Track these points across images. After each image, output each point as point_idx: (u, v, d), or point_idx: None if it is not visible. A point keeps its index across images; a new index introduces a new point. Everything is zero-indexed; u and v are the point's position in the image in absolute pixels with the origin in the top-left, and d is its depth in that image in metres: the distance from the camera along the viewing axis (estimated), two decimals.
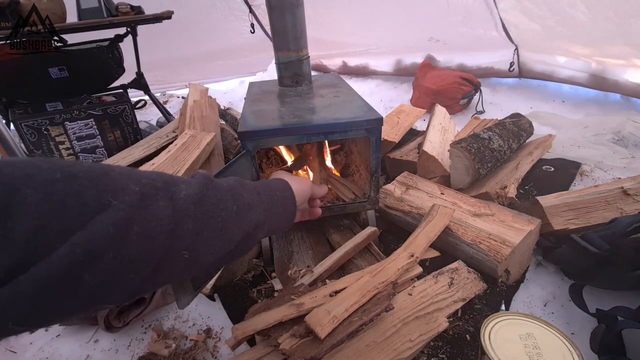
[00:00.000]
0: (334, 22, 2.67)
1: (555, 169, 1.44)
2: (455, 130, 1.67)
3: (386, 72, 2.89)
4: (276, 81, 1.25)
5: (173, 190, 0.38)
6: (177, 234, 0.36)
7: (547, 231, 1.03)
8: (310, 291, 0.84)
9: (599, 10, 1.71)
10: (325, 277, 0.95)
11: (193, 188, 0.40)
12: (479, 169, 1.18)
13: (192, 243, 0.39)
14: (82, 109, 1.69)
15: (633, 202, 1.03)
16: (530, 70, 2.29)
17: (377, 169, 0.98)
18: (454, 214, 1.04)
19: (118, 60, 1.88)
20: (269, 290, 1.00)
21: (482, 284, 0.91)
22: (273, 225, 0.55)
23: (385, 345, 0.74)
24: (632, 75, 1.87)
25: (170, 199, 0.37)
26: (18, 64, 1.60)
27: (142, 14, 1.83)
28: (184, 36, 2.73)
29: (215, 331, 0.91)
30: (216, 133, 1.52)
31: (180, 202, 0.38)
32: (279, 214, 0.56)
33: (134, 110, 1.85)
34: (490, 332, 0.62)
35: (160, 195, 0.36)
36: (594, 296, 0.89)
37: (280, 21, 1.07)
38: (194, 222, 0.39)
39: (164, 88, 3.08)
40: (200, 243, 0.40)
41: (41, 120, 1.60)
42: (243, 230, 0.46)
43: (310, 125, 0.89)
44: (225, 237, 0.43)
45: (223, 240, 0.43)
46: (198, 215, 0.39)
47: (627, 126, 1.63)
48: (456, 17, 2.21)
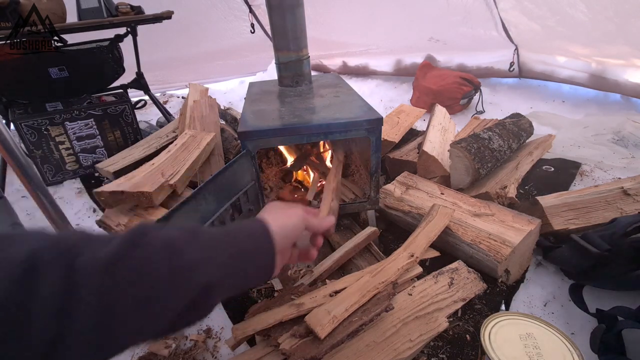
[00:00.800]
0: (334, 22, 2.67)
1: (555, 169, 1.44)
2: (455, 130, 1.67)
3: (386, 72, 2.89)
4: (276, 81, 1.25)
5: (75, 254, 0.31)
6: (69, 313, 0.29)
7: (547, 231, 1.03)
8: (310, 291, 0.84)
9: (599, 10, 1.71)
10: (325, 277, 0.95)
11: (109, 249, 0.32)
12: (479, 169, 1.18)
13: (99, 322, 0.30)
14: (82, 109, 1.69)
15: (633, 202, 1.03)
16: (530, 70, 2.29)
17: (377, 169, 0.98)
18: (454, 214, 1.04)
19: (118, 60, 1.88)
20: (269, 290, 1.00)
21: (482, 284, 0.91)
22: (238, 284, 0.44)
23: (385, 345, 0.74)
24: (632, 75, 1.87)
25: (66, 268, 0.30)
26: (18, 64, 1.60)
27: (142, 14, 1.83)
28: (184, 36, 2.73)
29: (215, 331, 0.91)
30: (216, 133, 1.52)
31: (80, 271, 0.30)
32: (246, 269, 0.44)
33: (134, 110, 1.85)
34: (490, 332, 0.62)
35: (51, 266, 0.29)
36: (594, 296, 0.89)
37: (280, 21, 1.07)
38: (98, 294, 0.30)
39: (164, 88, 3.08)
40: (115, 320, 0.31)
41: (41, 120, 1.60)
42: (184, 297, 0.36)
43: (310, 125, 0.89)
44: (154, 309, 0.34)
45: (151, 314, 0.34)
46: (106, 285, 0.31)
47: (627, 126, 1.63)
48: (456, 17, 2.21)
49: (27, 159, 0.94)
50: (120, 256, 0.32)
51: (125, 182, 1.13)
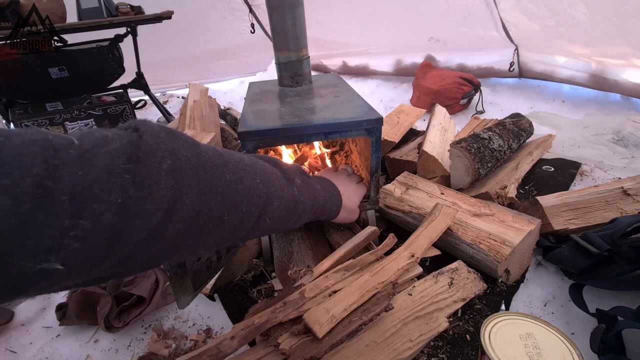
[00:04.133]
0: (334, 22, 2.67)
1: (555, 169, 1.44)
2: (455, 130, 1.67)
3: (386, 72, 2.89)
4: (276, 81, 1.25)
5: None
6: (180, 180, 0.34)
7: (547, 231, 1.03)
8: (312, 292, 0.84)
9: (599, 10, 1.71)
10: None
11: None
12: (479, 169, 1.18)
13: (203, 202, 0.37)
14: (82, 109, 1.70)
15: (633, 202, 1.03)
16: (530, 70, 2.29)
17: (377, 169, 0.98)
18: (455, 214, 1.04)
19: (118, 60, 1.88)
20: (269, 290, 1.00)
21: (482, 284, 0.91)
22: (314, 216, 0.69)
23: (385, 345, 0.74)
24: (632, 75, 1.87)
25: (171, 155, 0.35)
26: (18, 64, 1.60)
27: (142, 14, 1.83)
28: (184, 36, 2.73)
29: (215, 331, 0.91)
30: (216, 133, 1.52)
31: None
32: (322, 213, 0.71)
33: (134, 110, 1.86)
34: (490, 332, 0.61)
35: None
36: (594, 296, 0.89)
37: (280, 21, 1.06)
38: None
39: (164, 88, 3.08)
40: None
41: (41, 120, 1.61)
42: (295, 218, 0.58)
43: (310, 125, 0.89)
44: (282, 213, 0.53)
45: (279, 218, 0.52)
46: None
47: (627, 126, 1.63)
48: (456, 17, 2.21)
49: None
50: None
51: None
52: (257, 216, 0.45)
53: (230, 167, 0.40)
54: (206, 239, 0.38)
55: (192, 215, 0.34)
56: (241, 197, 0.41)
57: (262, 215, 0.46)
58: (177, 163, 0.33)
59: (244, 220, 0.43)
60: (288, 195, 0.54)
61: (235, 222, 0.41)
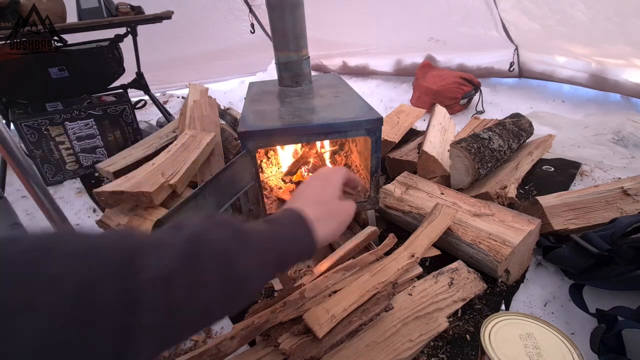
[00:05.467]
0: (334, 22, 2.67)
1: (555, 169, 1.44)
2: (455, 130, 1.67)
3: (386, 72, 2.89)
4: (276, 81, 1.25)
5: (135, 270, 0.30)
6: (133, 328, 0.29)
7: (547, 231, 1.03)
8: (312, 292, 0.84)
9: (599, 10, 1.71)
10: None
11: (167, 262, 0.32)
12: (479, 169, 1.18)
13: (160, 336, 0.31)
14: (82, 109, 1.69)
15: (633, 202, 1.03)
16: (530, 70, 2.29)
17: (377, 169, 0.98)
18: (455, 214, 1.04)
19: (118, 60, 1.88)
20: (269, 290, 1.00)
21: (482, 284, 0.91)
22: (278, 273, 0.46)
23: (385, 345, 0.74)
24: (632, 75, 1.87)
25: (125, 283, 0.29)
26: (18, 64, 1.60)
27: (142, 14, 1.83)
28: (184, 36, 2.73)
29: (215, 331, 0.91)
30: (216, 133, 1.52)
31: (140, 289, 0.29)
32: (288, 263, 0.46)
33: (134, 110, 1.85)
34: (490, 332, 0.61)
35: (109, 283, 0.28)
36: (594, 296, 0.89)
37: (280, 21, 1.06)
38: (159, 310, 0.30)
39: (164, 88, 3.08)
40: (174, 330, 0.33)
41: (41, 120, 1.60)
42: (236, 300, 0.38)
43: (310, 125, 0.89)
44: (210, 315, 0.37)
45: (207, 319, 0.37)
46: (167, 300, 0.31)
47: (627, 126, 1.63)
48: (456, 17, 2.21)
49: (27, 159, 0.94)
50: (179, 271, 0.32)
51: (125, 182, 1.13)
52: None
53: None
54: None
55: None
56: None
57: None
58: None
59: None
60: None
61: None
